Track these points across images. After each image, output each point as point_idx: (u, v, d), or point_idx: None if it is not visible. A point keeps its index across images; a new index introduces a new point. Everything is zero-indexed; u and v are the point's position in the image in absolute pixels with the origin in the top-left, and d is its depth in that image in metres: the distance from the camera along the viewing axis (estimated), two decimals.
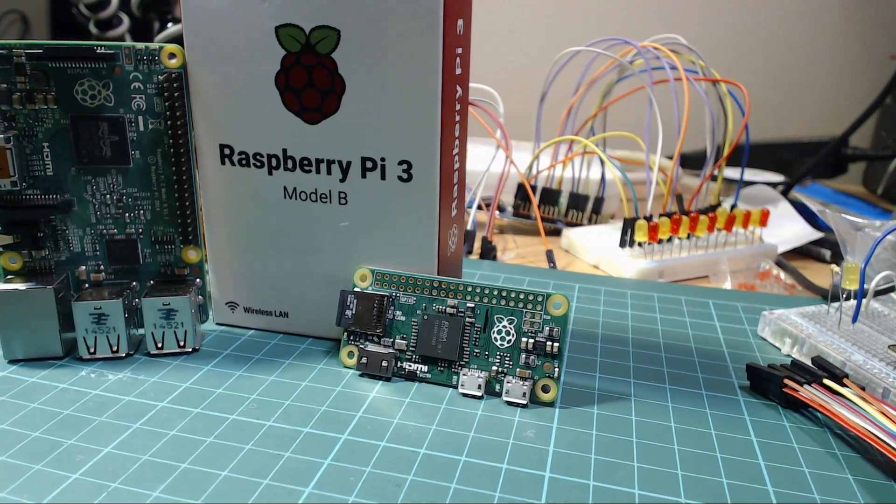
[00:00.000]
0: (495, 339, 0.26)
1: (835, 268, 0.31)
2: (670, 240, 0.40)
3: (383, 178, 0.26)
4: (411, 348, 0.27)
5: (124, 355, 0.27)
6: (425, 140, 0.25)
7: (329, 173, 0.27)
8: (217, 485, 0.20)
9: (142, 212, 0.28)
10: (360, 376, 0.27)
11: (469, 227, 0.43)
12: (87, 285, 0.28)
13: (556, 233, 0.48)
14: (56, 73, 0.26)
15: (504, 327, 0.26)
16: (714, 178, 0.44)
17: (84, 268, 0.28)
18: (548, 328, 0.25)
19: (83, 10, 0.64)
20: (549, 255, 0.41)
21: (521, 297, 0.26)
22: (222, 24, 0.26)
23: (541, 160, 0.47)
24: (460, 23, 0.26)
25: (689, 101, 0.40)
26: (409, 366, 0.27)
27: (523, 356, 0.25)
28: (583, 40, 0.48)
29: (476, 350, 0.26)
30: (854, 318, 0.30)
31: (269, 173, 0.27)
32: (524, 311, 0.26)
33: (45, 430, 0.22)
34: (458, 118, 0.27)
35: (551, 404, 0.25)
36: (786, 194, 0.52)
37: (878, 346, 0.28)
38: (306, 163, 0.27)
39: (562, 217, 0.49)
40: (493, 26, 0.73)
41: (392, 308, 0.27)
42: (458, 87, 0.27)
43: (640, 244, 0.40)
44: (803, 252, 0.46)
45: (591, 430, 0.24)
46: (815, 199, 0.40)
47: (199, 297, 0.29)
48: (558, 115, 0.49)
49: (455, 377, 0.26)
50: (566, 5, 0.71)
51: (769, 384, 0.26)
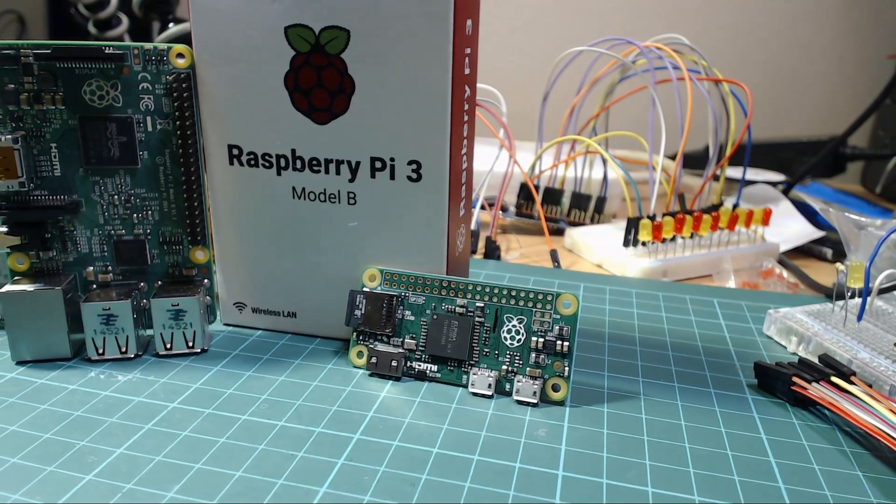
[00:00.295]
0: (505, 338, 0.26)
1: (840, 266, 0.31)
2: (674, 239, 0.41)
3: (392, 178, 0.26)
4: (421, 348, 0.27)
5: (133, 356, 0.27)
6: (435, 140, 0.25)
7: (338, 173, 0.27)
8: (232, 485, 0.20)
9: (150, 212, 0.28)
10: (370, 376, 0.27)
11: (472, 227, 0.43)
12: (94, 286, 0.28)
13: (559, 232, 0.48)
14: (64, 74, 0.26)
15: (514, 326, 0.26)
16: (716, 178, 0.44)
17: (92, 269, 0.28)
18: (558, 327, 0.25)
19: (82, 10, 0.64)
20: (554, 255, 0.41)
21: (531, 296, 0.26)
22: (231, 24, 0.26)
23: (543, 160, 0.47)
24: (469, 23, 0.26)
25: (692, 101, 0.40)
26: (419, 365, 0.27)
27: (533, 355, 0.25)
28: (583, 40, 0.48)
29: (486, 349, 0.26)
30: (859, 317, 0.30)
31: (278, 174, 0.27)
32: (534, 310, 0.26)
33: (56, 432, 0.22)
34: (466, 118, 0.27)
35: (561, 403, 0.25)
36: (786, 193, 0.53)
37: (884, 344, 0.28)
38: (315, 163, 0.27)
39: (564, 216, 0.49)
40: (494, 26, 0.73)
41: (401, 308, 0.27)
42: (467, 87, 0.27)
43: (643, 243, 0.40)
44: (804, 251, 0.47)
45: (602, 429, 0.24)
46: (817, 198, 0.40)
47: (207, 297, 0.29)
48: (560, 114, 0.49)
49: (465, 376, 0.26)
50: (567, 5, 0.72)
51: (777, 382, 0.26)
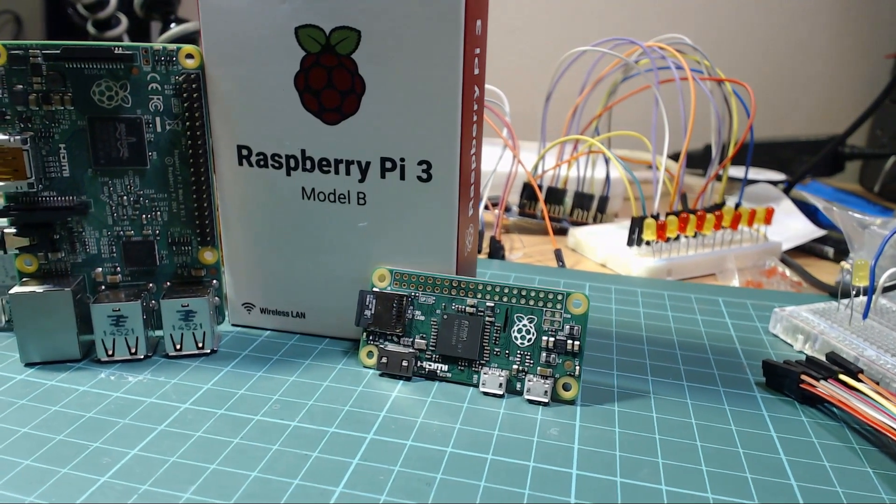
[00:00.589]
0: (515, 337, 0.26)
1: (845, 264, 0.31)
2: (677, 238, 0.41)
3: (402, 178, 0.26)
4: (431, 348, 0.27)
5: (142, 357, 0.27)
6: (446, 140, 0.26)
7: (348, 174, 0.27)
8: (248, 485, 0.20)
9: (159, 213, 0.28)
10: (381, 376, 0.27)
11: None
12: (103, 287, 0.28)
13: (562, 232, 0.48)
14: (73, 74, 0.26)
15: (524, 326, 0.26)
16: (718, 178, 0.45)
17: (100, 270, 0.28)
18: (568, 326, 0.25)
19: (81, 10, 0.64)
20: (558, 255, 0.41)
21: (541, 295, 0.26)
22: (241, 24, 0.26)
23: (545, 160, 0.47)
24: (479, 23, 0.26)
25: (695, 101, 0.40)
26: (429, 365, 0.27)
27: (544, 355, 0.26)
28: (583, 40, 0.48)
29: (496, 349, 0.26)
30: (865, 315, 0.30)
31: (288, 174, 0.27)
32: (544, 309, 0.26)
33: (68, 434, 0.22)
34: (475, 118, 0.27)
35: (572, 402, 0.25)
36: (787, 192, 0.53)
37: (890, 342, 0.29)
38: (325, 163, 0.27)
39: (567, 216, 0.49)
40: (495, 26, 0.73)
41: (411, 308, 0.27)
42: (476, 88, 0.27)
43: (647, 243, 0.40)
44: (806, 249, 0.47)
45: (614, 428, 0.24)
46: (819, 197, 0.41)
47: (216, 298, 0.28)
48: (561, 114, 0.49)
49: (475, 376, 0.26)
50: (566, 5, 0.72)
51: (785, 380, 0.27)
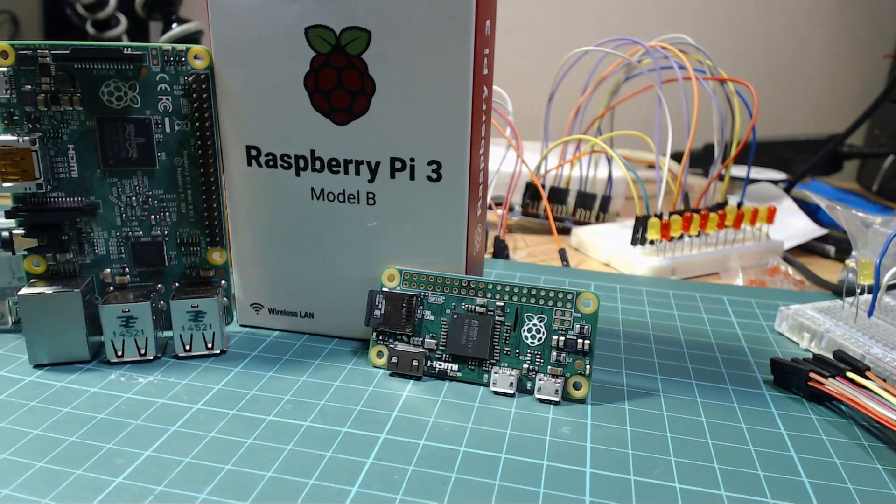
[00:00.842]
0: (525, 337, 0.26)
1: (850, 263, 0.31)
2: (681, 237, 0.41)
3: (412, 178, 0.26)
4: (441, 347, 0.27)
5: (152, 358, 0.27)
6: (456, 140, 0.26)
7: (357, 174, 0.27)
8: (264, 485, 0.20)
9: (167, 214, 0.28)
10: (391, 376, 0.27)
11: None
12: (111, 288, 0.28)
13: (565, 231, 0.48)
14: (81, 75, 0.26)
15: (534, 325, 0.26)
16: (721, 177, 0.45)
17: (109, 270, 0.28)
18: (578, 326, 0.25)
19: (80, 10, 0.64)
20: (563, 254, 0.41)
21: (551, 295, 0.26)
22: (250, 25, 0.26)
23: (548, 159, 0.48)
24: (488, 23, 0.26)
25: (698, 101, 0.40)
26: (440, 365, 0.27)
27: (554, 354, 0.26)
28: (583, 40, 0.48)
29: (506, 348, 0.26)
30: (870, 312, 0.30)
31: (297, 174, 0.27)
32: (554, 308, 0.26)
33: (80, 435, 0.22)
34: (483, 118, 0.27)
35: (583, 401, 0.25)
36: (788, 192, 0.53)
37: (895, 339, 0.29)
38: (334, 163, 0.27)
39: (569, 216, 0.49)
40: (496, 26, 0.73)
41: (421, 307, 0.27)
42: (485, 88, 0.27)
43: (651, 242, 0.40)
44: (807, 248, 0.47)
45: (625, 426, 0.24)
46: (821, 196, 0.41)
47: (225, 298, 0.28)
48: (562, 114, 0.50)
49: (486, 375, 0.26)
50: (567, 5, 0.72)
51: (793, 378, 0.27)
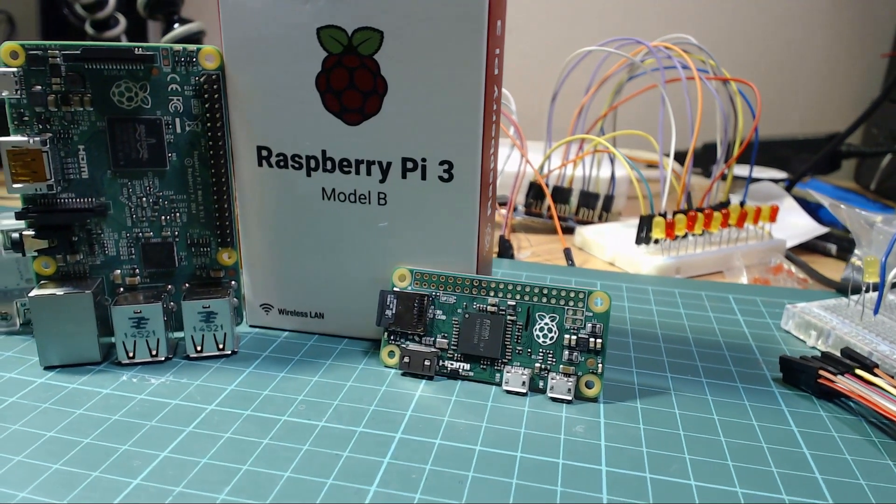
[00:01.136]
0: (537, 336, 0.26)
1: (856, 261, 0.31)
2: (685, 236, 0.41)
3: (424, 178, 0.27)
4: (453, 347, 0.27)
5: (163, 359, 0.27)
6: (468, 140, 0.26)
7: (369, 174, 0.27)
8: (282, 485, 0.20)
9: (178, 214, 0.27)
10: (403, 375, 0.27)
11: None
12: (121, 289, 0.28)
13: (568, 231, 0.48)
14: (92, 75, 0.26)
15: (546, 324, 0.26)
16: (723, 177, 0.45)
17: (119, 271, 0.28)
18: (590, 325, 0.26)
19: (79, 10, 0.63)
20: (568, 253, 0.42)
21: (563, 294, 0.26)
22: (262, 25, 0.26)
23: (551, 159, 0.48)
24: (499, 24, 0.26)
25: (702, 100, 0.40)
26: (451, 364, 0.27)
27: (566, 353, 0.26)
28: (583, 40, 0.48)
29: (518, 348, 0.26)
30: (876, 310, 0.31)
31: (308, 175, 0.27)
32: (566, 308, 0.26)
33: (95, 437, 0.22)
34: (494, 118, 0.28)
35: (595, 400, 0.25)
36: (788, 190, 0.53)
37: None
38: (346, 164, 0.27)
39: (573, 215, 0.49)
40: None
41: (432, 307, 0.27)
42: (495, 88, 0.27)
43: (656, 241, 0.41)
44: (809, 247, 0.47)
45: (639, 424, 0.24)
46: (824, 195, 0.41)
47: (235, 299, 0.28)
48: (565, 113, 0.50)
49: (498, 375, 0.26)
50: (568, 6, 0.72)
51: (802, 375, 0.27)
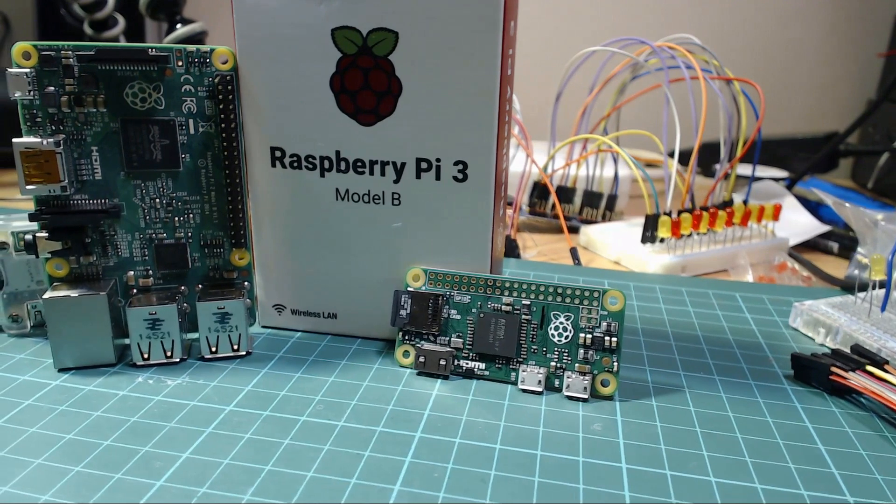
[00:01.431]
0: (552, 335, 0.26)
1: (863, 259, 0.32)
2: (690, 235, 0.41)
3: (438, 178, 0.27)
4: (468, 346, 0.27)
5: (178, 360, 0.27)
6: (483, 140, 0.26)
7: (383, 174, 0.27)
8: (306, 485, 0.20)
9: (191, 215, 0.27)
10: (418, 375, 0.27)
11: None
12: (135, 290, 0.28)
13: (572, 230, 0.49)
14: (105, 76, 0.25)
15: (561, 323, 0.26)
16: (726, 176, 0.45)
17: (132, 273, 0.27)
18: (605, 323, 0.26)
19: (78, 10, 0.63)
20: (574, 253, 0.42)
21: (578, 293, 0.26)
22: (276, 26, 0.25)
23: (554, 159, 0.48)
24: (512, 24, 0.26)
25: (706, 100, 0.41)
26: (467, 363, 0.27)
27: (581, 351, 0.26)
28: (584, 40, 0.48)
29: (534, 347, 0.26)
30: (883, 307, 0.31)
31: (322, 175, 0.27)
32: (581, 307, 0.26)
33: (115, 439, 0.22)
34: (507, 118, 0.28)
35: (610, 398, 0.26)
36: (789, 189, 0.54)
37: None
38: (360, 164, 0.27)
39: (577, 215, 0.49)
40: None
41: (447, 307, 0.27)
42: (508, 88, 0.27)
43: (661, 240, 0.41)
44: (810, 245, 0.48)
45: (655, 422, 0.24)
46: (828, 193, 0.42)
47: (248, 300, 0.28)
48: (567, 113, 0.50)
49: (513, 374, 0.26)
50: (568, 6, 0.72)
51: (813, 372, 0.27)
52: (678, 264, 0.40)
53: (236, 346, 0.27)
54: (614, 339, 0.26)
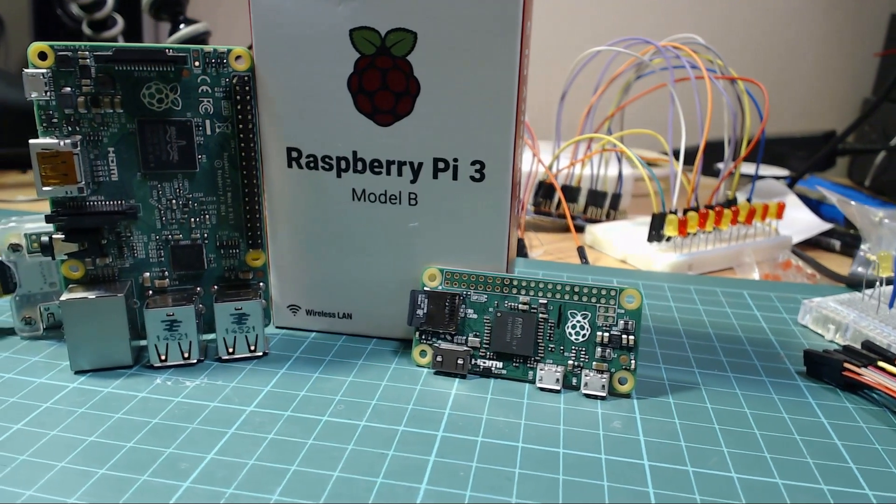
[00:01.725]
0: (570, 333, 0.26)
1: (870, 256, 0.32)
2: (695, 234, 0.42)
3: (455, 178, 0.27)
4: (485, 345, 0.27)
5: (195, 361, 0.27)
6: (500, 140, 0.26)
7: (400, 174, 0.27)
8: (333, 485, 0.20)
9: (207, 216, 0.27)
10: (435, 374, 0.27)
11: None
12: (150, 292, 0.28)
13: (577, 229, 0.49)
14: (122, 77, 0.25)
15: (578, 322, 0.26)
16: (730, 175, 0.46)
17: (148, 274, 0.27)
18: (622, 322, 0.26)
19: (76, 10, 0.63)
20: (581, 252, 0.42)
21: (595, 292, 0.26)
22: (293, 27, 0.26)
23: (559, 158, 0.48)
24: (529, 24, 0.26)
25: (711, 100, 0.41)
26: (484, 362, 0.27)
27: (599, 350, 0.26)
28: (582, 40, 0.49)
29: (551, 345, 0.27)
30: (891, 304, 0.31)
31: (338, 175, 0.27)
32: (598, 305, 0.26)
33: (138, 440, 0.22)
34: (522, 118, 0.28)
35: (628, 395, 0.26)
36: (791, 187, 0.54)
37: None
38: (377, 164, 0.27)
39: (581, 214, 0.50)
40: None
41: (463, 306, 0.27)
42: (524, 88, 0.27)
43: (668, 238, 0.41)
44: (812, 243, 0.48)
45: (674, 419, 0.24)
46: (833, 191, 0.42)
47: (263, 300, 0.28)
48: (571, 113, 0.50)
49: (531, 372, 0.27)
50: (568, 5, 0.72)
51: (826, 368, 0.28)
52: (685, 263, 0.41)
53: (253, 347, 0.27)
54: (631, 337, 0.26)
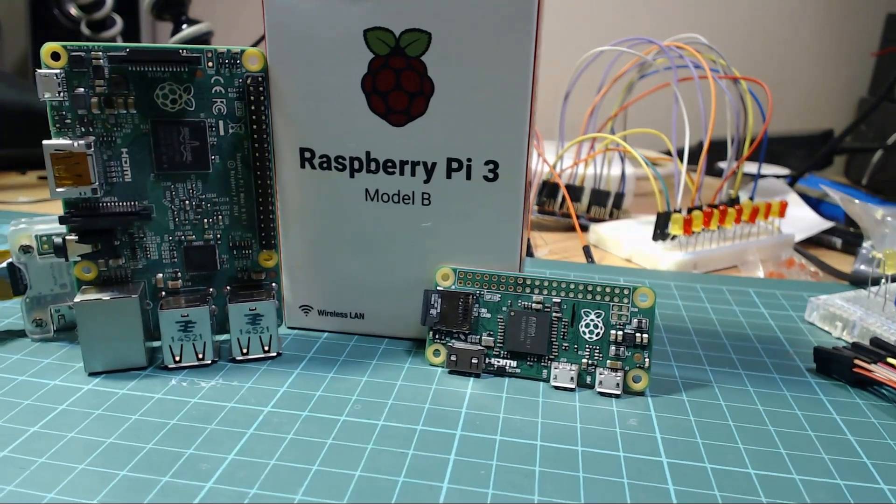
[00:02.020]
0: (583, 332, 0.27)
1: (876, 254, 0.32)
2: (700, 232, 0.42)
3: (469, 178, 0.27)
4: (499, 344, 0.27)
5: (209, 362, 0.27)
6: (515, 139, 0.26)
7: (413, 175, 0.27)
8: (356, 484, 0.20)
9: (220, 217, 0.27)
10: (449, 373, 0.27)
11: None
12: (163, 293, 0.28)
13: (582, 229, 0.49)
14: (135, 77, 0.25)
15: (592, 321, 0.26)
16: (734, 174, 0.46)
17: (161, 275, 0.27)
18: (636, 320, 0.26)
19: (75, 10, 0.62)
20: (587, 251, 0.42)
21: (608, 290, 0.26)
22: (307, 27, 0.26)
23: (563, 158, 0.48)
24: (541, 24, 0.27)
25: (715, 99, 0.41)
26: (498, 362, 0.27)
27: (613, 348, 0.26)
28: (581, 40, 0.49)
29: (565, 344, 0.27)
30: None
31: (351, 176, 0.27)
32: (611, 304, 0.26)
33: (157, 442, 0.22)
34: (534, 118, 0.28)
35: (642, 393, 0.26)
36: (791, 186, 0.55)
37: None
38: (390, 165, 0.27)
39: (585, 213, 0.50)
40: None
41: (477, 305, 0.27)
42: (537, 87, 0.27)
43: (673, 237, 0.41)
44: (814, 241, 0.49)
45: (689, 416, 0.25)
46: (835, 190, 0.43)
47: (276, 301, 0.28)
48: (574, 113, 0.50)
49: (545, 371, 0.27)
50: (569, 5, 0.73)
51: (836, 365, 0.28)
52: (690, 261, 0.41)
53: (267, 348, 0.27)
54: (645, 335, 0.26)
